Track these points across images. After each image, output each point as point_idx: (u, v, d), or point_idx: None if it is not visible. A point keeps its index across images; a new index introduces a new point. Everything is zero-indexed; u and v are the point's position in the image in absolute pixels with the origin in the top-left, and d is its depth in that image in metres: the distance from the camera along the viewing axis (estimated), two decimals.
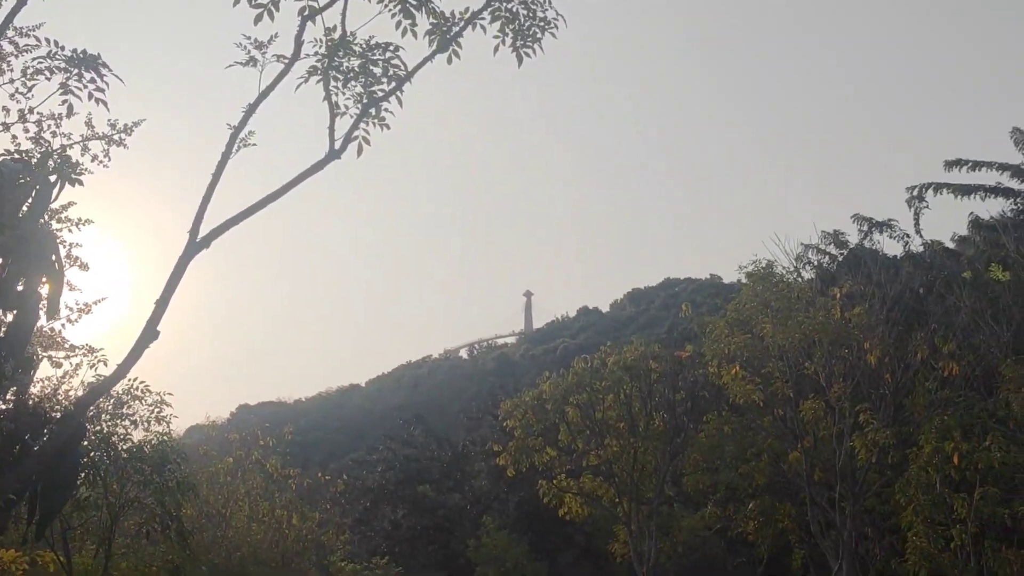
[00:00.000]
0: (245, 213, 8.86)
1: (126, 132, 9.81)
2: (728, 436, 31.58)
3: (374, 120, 9.65)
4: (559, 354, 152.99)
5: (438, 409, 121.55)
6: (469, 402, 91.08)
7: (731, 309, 30.52)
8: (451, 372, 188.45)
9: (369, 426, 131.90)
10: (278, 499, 31.89)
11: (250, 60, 9.38)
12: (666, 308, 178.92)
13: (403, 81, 9.58)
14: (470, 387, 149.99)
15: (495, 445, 37.59)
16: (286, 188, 9.16)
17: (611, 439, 33.37)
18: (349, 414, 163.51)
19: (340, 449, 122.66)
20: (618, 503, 34.06)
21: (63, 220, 10.95)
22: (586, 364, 34.71)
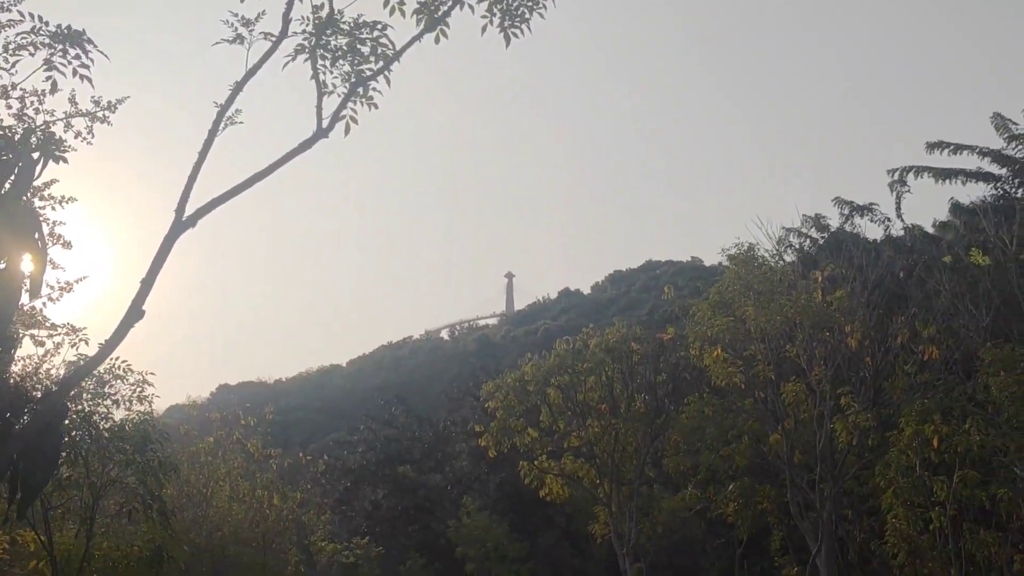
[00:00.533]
0: (231, 192, 8.80)
1: (110, 109, 9.70)
2: (709, 418, 31.68)
3: (362, 99, 9.57)
4: (540, 336, 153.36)
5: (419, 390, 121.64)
6: (450, 383, 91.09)
7: (714, 292, 30.57)
8: (432, 353, 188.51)
9: (350, 407, 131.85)
10: (259, 479, 31.84)
11: (237, 38, 9.29)
12: (647, 290, 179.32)
13: (391, 61, 9.50)
14: (451, 368, 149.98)
15: (477, 426, 37.58)
16: (273, 167, 9.08)
17: (592, 420, 33.45)
18: (330, 395, 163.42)
19: (321, 429, 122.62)
20: (599, 484, 34.17)
21: (46, 198, 10.86)
22: (568, 346, 34.75)
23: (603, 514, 35.46)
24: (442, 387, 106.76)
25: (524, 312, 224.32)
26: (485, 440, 34.85)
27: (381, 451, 61.51)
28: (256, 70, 9.22)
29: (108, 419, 16.81)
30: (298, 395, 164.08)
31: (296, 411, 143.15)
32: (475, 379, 65.03)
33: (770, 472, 32.09)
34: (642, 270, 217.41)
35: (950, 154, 40.25)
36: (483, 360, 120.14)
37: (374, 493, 58.96)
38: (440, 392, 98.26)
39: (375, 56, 9.63)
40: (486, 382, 38.53)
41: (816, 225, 41.53)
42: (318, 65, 9.63)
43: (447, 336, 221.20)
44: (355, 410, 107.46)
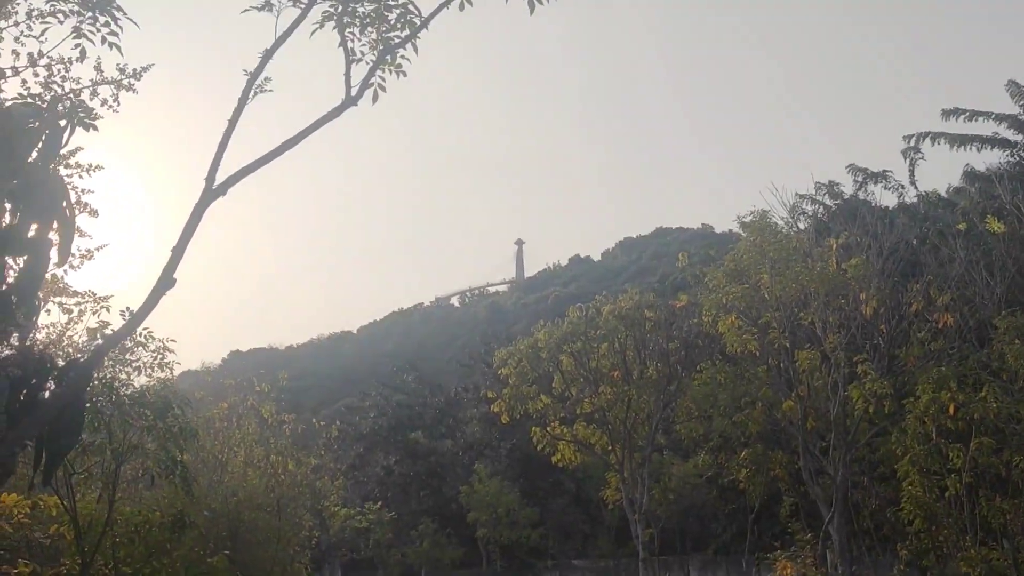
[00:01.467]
0: (262, 160, 8.80)
1: (135, 77, 9.70)
2: (722, 385, 31.70)
3: (390, 67, 9.57)
4: (551, 302, 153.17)
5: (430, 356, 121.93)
6: (461, 349, 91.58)
7: (728, 259, 30.49)
8: (443, 320, 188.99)
9: (361, 373, 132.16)
10: (273, 445, 31.95)
11: (266, 4, 9.27)
12: (658, 257, 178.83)
13: (418, 28, 9.48)
14: (462, 335, 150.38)
15: (489, 392, 37.78)
16: (302, 135, 9.07)
17: (605, 387, 33.54)
18: (341, 361, 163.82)
19: (332, 395, 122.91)
20: (611, 450, 34.30)
21: (72, 166, 10.89)
22: (581, 313, 34.78)
23: (615, 480, 35.63)
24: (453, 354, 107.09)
25: (534, 279, 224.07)
26: (498, 406, 34.97)
27: (392, 417, 61.98)
28: (285, 38, 9.20)
29: (129, 386, 16.94)
30: (310, 361, 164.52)
31: (308, 377, 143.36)
32: (486, 346, 65.31)
33: (782, 439, 32.20)
34: (653, 237, 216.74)
35: (965, 121, 40.07)
36: (493, 327, 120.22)
37: (386, 459, 59.42)
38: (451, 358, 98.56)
39: (402, 23, 9.61)
40: (499, 349, 38.67)
41: (830, 192, 41.44)
42: (346, 33, 9.62)
43: (457, 303, 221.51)
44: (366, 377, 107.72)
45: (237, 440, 31.34)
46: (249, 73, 8.92)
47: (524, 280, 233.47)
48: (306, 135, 8.97)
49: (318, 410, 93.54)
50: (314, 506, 35.39)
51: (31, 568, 15.61)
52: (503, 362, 35.20)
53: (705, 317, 31.02)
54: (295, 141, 8.97)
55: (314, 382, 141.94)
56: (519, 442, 51.02)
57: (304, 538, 32.03)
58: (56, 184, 8.39)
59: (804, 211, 40.69)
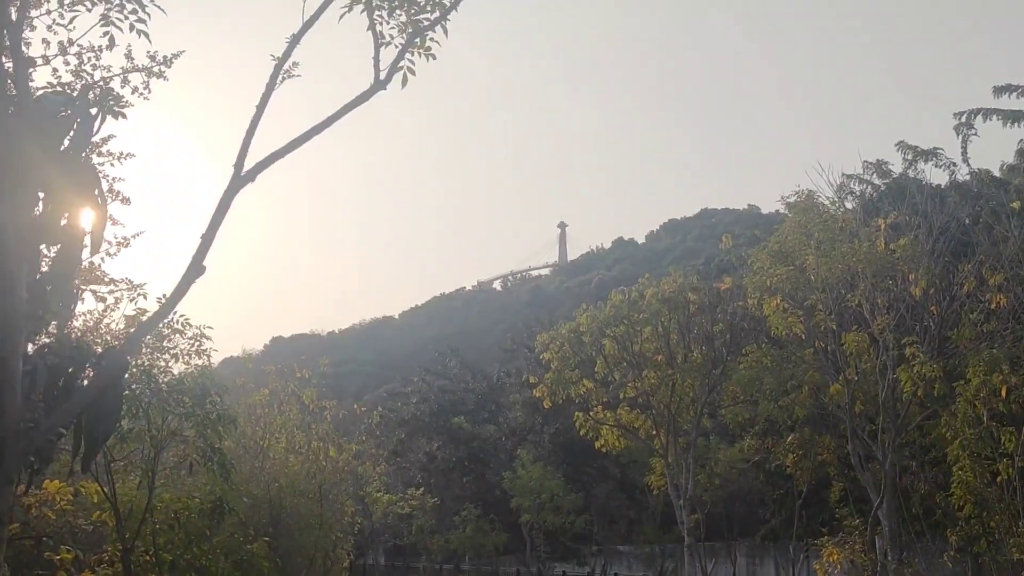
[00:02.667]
0: (290, 146, 8.82)
1: (166, 64, 9.80)
2: (767, 368, 31.52)
3: (419, 50, 9.55)
4: (594, 286, 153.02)
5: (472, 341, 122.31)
6: (503, 334, 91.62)
7: (773, 241, 30.29)
8: (485, 304, 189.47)
9: (402, 358, 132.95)
10: (314, 431, 32.22)
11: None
12: (703, 239, 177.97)
13: (448, 10, 9.45)
14: (504, 319, 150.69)
15: (531, 377, 37.85)
16: (331, 120, 9.08)
17: (649, 371, 33.44)
18: (382, 346, 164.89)
19: (374, 381, 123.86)
20: (655, 435, 34.25)
21: (104, 154, 11.04)
22: (624, 296, 34.68)
23: (659, 465, 35.59)
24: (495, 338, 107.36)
25: (577, 262, 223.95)
26: (540, 391, 35.00)
27: (435, 402, 62.16)
28: (313, 22, 9.21)
29: (167, 373, 17.17)
30: (351, 347, 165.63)
31: (349, 363, 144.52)
32: (528, 330, 65.29)
33: (830, 423, 31.98)
34: (698, 218, 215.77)
35: (1019, 97, 39.41)
36: (536, 311, 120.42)
37: (428, 444, 59.67)
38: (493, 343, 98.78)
39: (432, 4, 9.59)
40: (540, 333, 38.66)
41: (878, 171, 40.92)
42: (374, 16, 9.60)
43: (500, 287, 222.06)
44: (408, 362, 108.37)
45: (278, 426, 31.65)
46: (277, 58, 8.95)
47: (567, 263, 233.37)
48: (335, 120, 8.97)
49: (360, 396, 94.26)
50: (356, 492, 35.68)
51: (74, 554, 15.88)
52: (545, 346, 35.21)
53: (750, 300, 30.86)
54: (324, 126, 8.97)
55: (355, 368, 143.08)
56: (562, 427, 51.05)
57: (347, 524, 32.32)
58: (88, 172, 8.48)
59: (851, 191, 40.26)
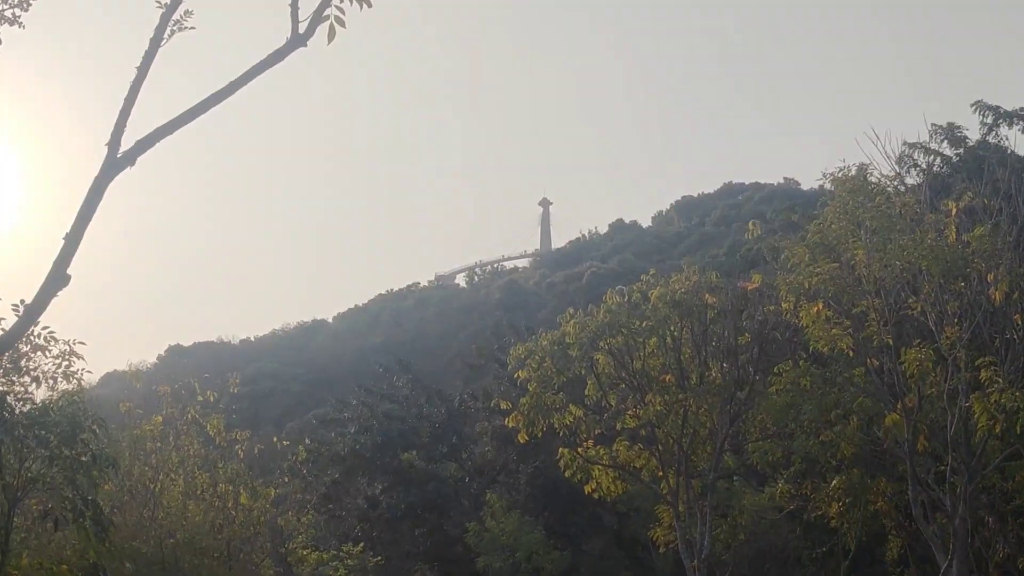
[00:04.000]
0: (182, 119, 8.69)
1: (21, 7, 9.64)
2: (806, 392, 31.59)
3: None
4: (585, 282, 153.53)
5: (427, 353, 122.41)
6: (467, 344, 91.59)
7: (814, 230, 30.33)
8: (444, 305, 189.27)
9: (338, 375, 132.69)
10: (222, 470, 32.18)
11: None
12: (725, 223, 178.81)
13: None
14: (468, 324, 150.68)
15: (503, 402, 37.77)
16: (236, 85, 8.94)
17: (654, 395, 33.45)
18: (312, 358, 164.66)
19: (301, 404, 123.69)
20: (662, 477, 34.31)
21: None
22: (622, 298, 34.71)
23: (667, 515, 35.65)
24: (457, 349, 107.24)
25: (564, 251, 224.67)
26: (514, 420, 34.93)
27: (379, 432, 61.99)
28: None
29: (26, 401, 16.95)
30: (271, 360, 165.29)
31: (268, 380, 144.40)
32: (500, 339, 65.30)
33: (885, 463, 32.12)
34: (719, 196, 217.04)
35: None
36: (510, 314, 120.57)
37: (371, 487, 59.59)
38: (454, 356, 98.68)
39: None
40: (515, 344, 38.62)
41: (949, 138, 41.17)
42: None
43: (464, 282, 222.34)
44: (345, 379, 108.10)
45: (175, 464, 31.56)
46: (164, 5, 8.79)
47: (550, 252, 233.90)
48: (239, 86, 8.82)
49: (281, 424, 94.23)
50: (276, 549, 35.63)
51: None
52: (521, 362, 35.15)
53: (784, 304, 30.92)
54: (226, 93, 8.83)
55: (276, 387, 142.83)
56: (543, 466, 51.04)
57: None
58: None
59: (915, 163, 40.48)
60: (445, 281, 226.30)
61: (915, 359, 28.17)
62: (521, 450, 50.58)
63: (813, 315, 29.39)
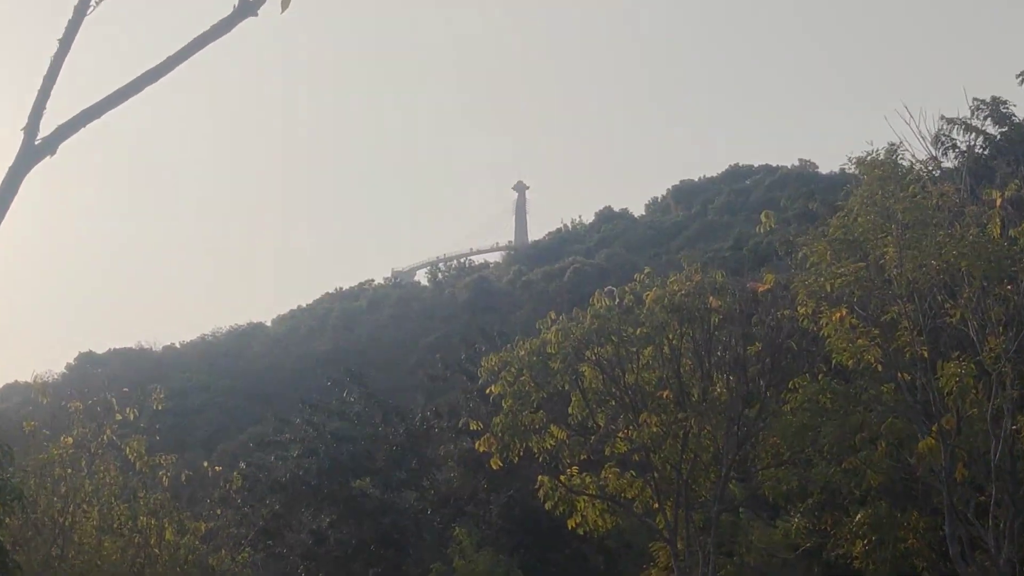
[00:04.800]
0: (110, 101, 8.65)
1: None
2: (827, 412, 31.72)
3: None
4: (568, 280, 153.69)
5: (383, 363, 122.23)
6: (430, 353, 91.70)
7: (836, 224, 30.39)
8: (403, 306, 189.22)
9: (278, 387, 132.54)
10: (143, 501, 32.11)
11: None
12: (731, 211, 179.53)
13: None
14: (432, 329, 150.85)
15: (472, 422, 37.83)
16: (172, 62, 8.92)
17: (649, 414, 33.52)
18: (248, 369, 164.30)
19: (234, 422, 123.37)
20: (658, 509, 34.37)
21: None
22: (613, 300, 34.79)
23: (664, 554, 35.72)
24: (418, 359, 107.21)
25: (543, 243, 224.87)
26: (485, 443, 34.98)
27: (327, 456, 62.04)
28: None
29: None
30: (200, 370, 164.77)
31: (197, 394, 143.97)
32: (469, 347, 65.29)
33: (918, 494, 32.22)
34: (724, 180, 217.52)
35: None
36: (480, 317, 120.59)
37: (317, 520, 59.58)
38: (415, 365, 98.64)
39: None
40: (487, 353, 38.68)
41: (994, 115, 41.36)
42: None
43: (426, 280, 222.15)
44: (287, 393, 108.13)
45: (88, 494, 31.49)
46: None
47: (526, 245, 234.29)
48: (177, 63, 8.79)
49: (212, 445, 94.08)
50: None
51: None
52: (494, 374, 35.17)
53: (801, 309, 31.01)
54: (160, 72, 8.78)
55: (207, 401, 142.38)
56: (518, 495, 51.16)
57: None
58: None
59: (953, 143, 40.64)
60: (403, 278, 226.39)
61: (953, 374, 28.29)
62: (493, 477, 50.61)
63: (835, 322, 29.48)
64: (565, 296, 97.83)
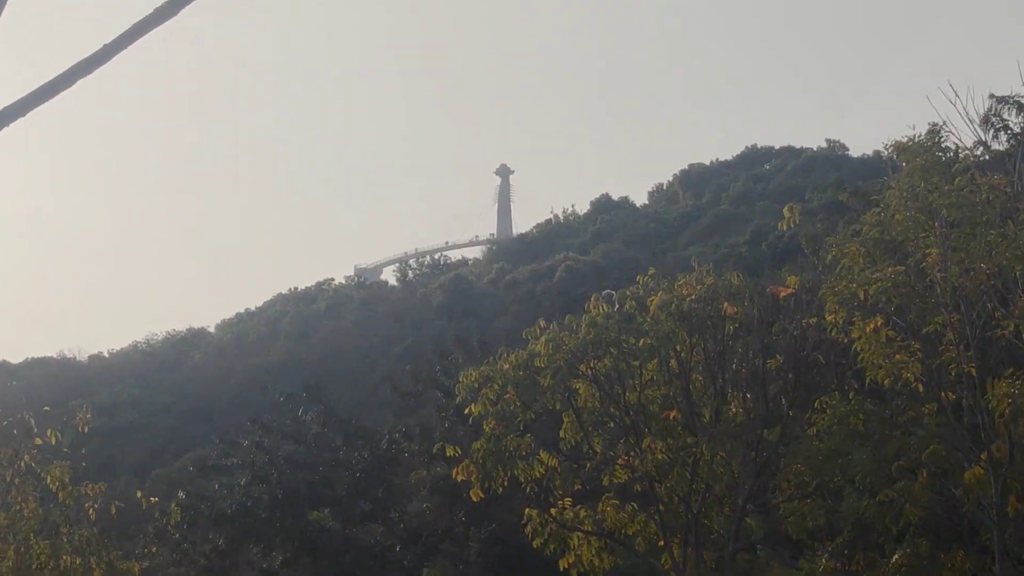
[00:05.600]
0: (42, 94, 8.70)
1: None
2: (859, 436, 31.78)
3: None
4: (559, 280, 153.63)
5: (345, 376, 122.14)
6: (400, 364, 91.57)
7: (870, 223, 30.44)
8: (368, 309, 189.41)
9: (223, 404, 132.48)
10: (67, 537, 32.12)
11: None
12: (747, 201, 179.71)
13: None
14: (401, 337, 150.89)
15: (449, 447, 37.85)
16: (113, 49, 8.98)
17: (654, 438, 33.61)
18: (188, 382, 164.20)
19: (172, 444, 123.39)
20: (664, 547, 34.42)
21: None
22: (611, 306, 34.82)
23: None
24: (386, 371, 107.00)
25: (530, 238, 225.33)
26: (464, 471, 34.96)
27: (279, 484, 62.04)
28: None
29: None
30: (132, 383, 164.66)
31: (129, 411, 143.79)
32: (444, 359, 65.33)
33: (963, 531, 32.30)
34: (739, 164, 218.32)
35: None
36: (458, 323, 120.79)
37: (267, 557, 59.63)
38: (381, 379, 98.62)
39: None
40: (466, 367, 38.71)
41: None
42: None
43: (395, 279, 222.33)
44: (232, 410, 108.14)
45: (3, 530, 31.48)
46: None
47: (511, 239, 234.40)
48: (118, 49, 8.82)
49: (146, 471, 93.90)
50: None
51: None
52: (474, 392, 35.16)
53: (829, 316, 31.04)
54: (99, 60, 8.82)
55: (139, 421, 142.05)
56: (501, 531, 51.21)
57: None
58: None
59: (1004, 124, 40.70)
60: (368, 277, 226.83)
61: (1005, 394, 28.29)
62: (472, 510, 50.67)
63: (869, 333, 29.47)
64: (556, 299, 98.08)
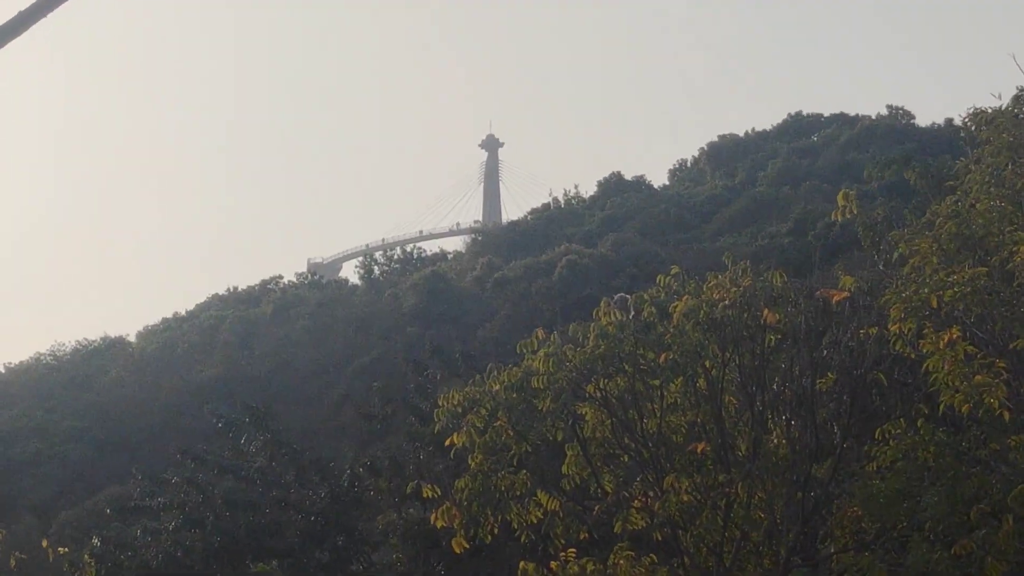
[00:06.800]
0: None
1: None
2: (930, 473, 31.83)
3: None
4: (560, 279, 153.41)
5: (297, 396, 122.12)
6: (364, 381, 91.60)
7: (945, 211, 30.47)
8: (324, 314, 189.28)
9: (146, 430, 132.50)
10: None
11: None
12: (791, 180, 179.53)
13: None
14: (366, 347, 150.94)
15: (426, 486, 37.83)
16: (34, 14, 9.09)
17: (678, 475, 33.60)
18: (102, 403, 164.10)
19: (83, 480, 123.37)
20: None
21: None
22: (625, 313, 34.81)
23: None
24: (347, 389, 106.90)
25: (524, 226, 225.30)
26: (444, 515, 34.90)
27: (216, 530, 62.11)
28: None
29: None
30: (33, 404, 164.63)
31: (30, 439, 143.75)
32: (420, 375, 65.34)
33: None
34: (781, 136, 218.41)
35: None
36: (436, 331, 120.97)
37: None
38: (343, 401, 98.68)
39: None
40: (446, 385, 38.71)
41: None
42: None
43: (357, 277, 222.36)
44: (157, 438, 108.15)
45: None
46: None
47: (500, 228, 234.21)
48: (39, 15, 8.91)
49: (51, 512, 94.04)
50: None
51: None
52: (456, 417, 35.10)
53: (894, 327, 31.03)
54: None
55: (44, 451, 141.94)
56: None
57: None
58: None
59: None
60: (325, 274, 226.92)
61: None
62: (454, 562, 50.75)
63: (943, 348, 29.45)
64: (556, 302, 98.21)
